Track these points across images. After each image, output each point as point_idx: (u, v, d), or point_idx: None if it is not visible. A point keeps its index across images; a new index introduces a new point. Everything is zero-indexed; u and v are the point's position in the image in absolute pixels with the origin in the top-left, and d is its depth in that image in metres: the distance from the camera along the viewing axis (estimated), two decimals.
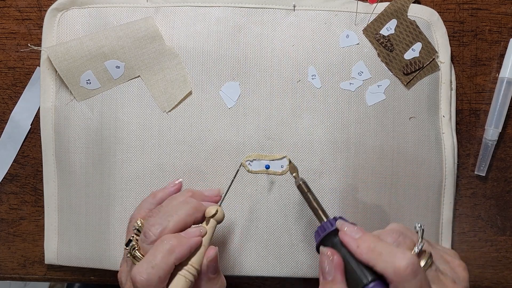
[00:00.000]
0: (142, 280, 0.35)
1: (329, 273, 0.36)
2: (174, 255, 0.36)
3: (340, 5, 0.49)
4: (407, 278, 0.32)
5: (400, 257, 0.33)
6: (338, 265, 0.36)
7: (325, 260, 0.36)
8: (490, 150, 0.51)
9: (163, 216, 0.39)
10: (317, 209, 0.41)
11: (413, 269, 0.33)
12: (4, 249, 0.55)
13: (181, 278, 0.36)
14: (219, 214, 0.40)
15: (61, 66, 0.48)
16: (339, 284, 0.35)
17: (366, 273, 0.35)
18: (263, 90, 0.49)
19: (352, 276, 0.36)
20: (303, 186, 0.43)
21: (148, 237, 0.38)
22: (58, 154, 0.50)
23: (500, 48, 0.52)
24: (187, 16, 0.49)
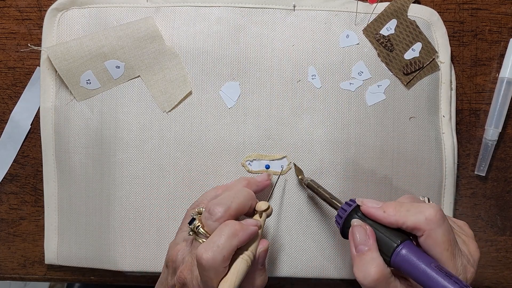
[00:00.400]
0: (208, 257, 0.37)
1: (365, 243, 0.38)
2: (237, 238, 0.38)
3: (340, 5, 0.49)
4: (438, 223, 0.36)
5: (428, 207, 0.37)
6: (371, 233, 0.38)
7: (356, 232, 0.38)
8: (490, 150, 0.51)
9: (227, 197, 0.41)
10: (332, 198, 0.43)
11: (441, 214, 0.37)
12: (4, 249, 0.55)
13: (242, 261, 0.38)
14: (270, 209, 0.43)
15: (61, 66, 0.48)
16: (374, 252, 0.37)
17: (395, 236, 0.37)
18: (263, 90, 0.49)
19: (381, 244, 0.38)
20: (312, 183, 0.46)
21: (213, 215, 0.40)
22: (58, 154, 0.50)
23: (500, 48, 0.52)
24: (187, 16, 0.49)
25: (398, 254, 0.37)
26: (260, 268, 0.41)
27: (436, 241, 0.36)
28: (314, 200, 0.50)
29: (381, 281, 0.37)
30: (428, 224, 0.36)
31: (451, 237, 0.37)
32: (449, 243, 0.36)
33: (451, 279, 0.34)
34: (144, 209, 0.49)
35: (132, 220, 0.50)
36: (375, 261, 0.37)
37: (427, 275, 0.35)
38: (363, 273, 0.37)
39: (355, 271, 0.38)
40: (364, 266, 0.37)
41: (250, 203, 0.43)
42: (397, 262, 0.37)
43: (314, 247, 0.50)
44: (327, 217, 0.50)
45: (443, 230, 0.36)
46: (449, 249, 0.36)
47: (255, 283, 0.41)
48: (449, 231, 0.37)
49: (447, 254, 0.36)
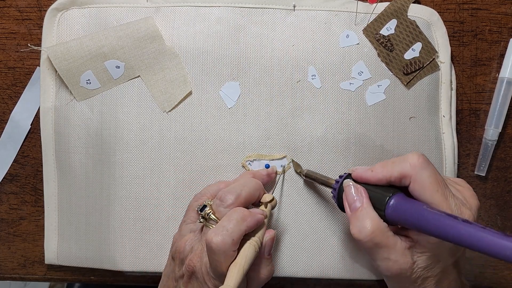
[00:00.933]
0: (218, 240, 0.37)
1: (358, 200, 0.39)
2: (245, 223, 0.39)
3: (340, 5, 0.49)
4: (422, 166, 0.37)
5: (410, 155, 0.38)
6: (363, 190, 0.40)
7: (349, 191, 0.40)
8: (490, 150, 0.51)
9: (237, 186, 0.43)
10: (328, 179, 0.45)
11: (424, 159, 0.38)
12: (4, 249, 0.55)
13: (250, 246, 0.39)
14: (275, 201, 0.45)
15: (61, 66, 0.48)
16: (368, 207, 0.39)
17: (386, 191, 0.38)
18: (263, 90, 0.49)
19: (375, 201, 0.39)
20: (310, 172, 0.47)
21: (225, 201, 0.41)
22: (58, 154, 0.50)
23: (500, 48, 0.52)
24: (187, 16, 0.49)
25: (390, 205, 0.37)
26: (267, 258, 0.42)
27: (423, 184, 0.37)
28: (314, 199, 0.50)
29: (377, 234, 0.37)
30: (413, 169, 0.37)
31: (438, 179, 0.37)
32: (437, 184, 0.37)
33: (444, 213, 0.34)
34: (144, 209, 0.49)
35: (132, 220, 0.50)
36: (369, 215, 0.38)
37: (420, 216, 0.35)
38: (358, 228, 0.38)
39: (351, 229, 0.39)
40: (359, 221, 0.38)
41: (258, 192, 0.44)
42: (391, 213, 0.37)
43: (314, 247, 0.50)
44: (327, 217, 0.50)
45: (428, 172, 0.37)
46: (438, 190, 0.37)
47: (261, 271, 0.42)
48: (435, 173, 0.37)
49: (437, 196, 0.37)
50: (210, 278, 0.40)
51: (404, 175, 0.38)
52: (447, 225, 0.33)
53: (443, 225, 0.33)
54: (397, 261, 0.38)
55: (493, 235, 0.31)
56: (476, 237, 0.31)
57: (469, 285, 0.44)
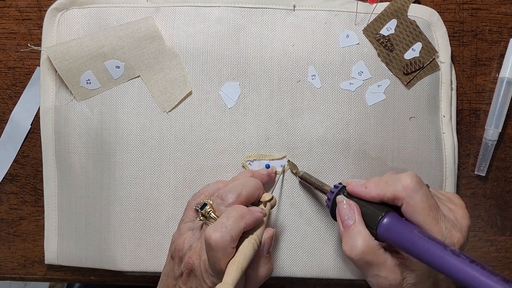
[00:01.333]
0: (217, 237, 0.38)
1: (350, 217, 0.40)
2: (244, 220, 0.39)
3: (340, 5, 0.49)
4: (415, 189, 0.37)
5: (404, 176, 0.38)
6: (355, 208, 0.40)
7: (342, 207, 0.41)
8: (490, 150, 0.51)
9: (238, 185, 0.43)
10: (323, 185, 0.46)
11: (417, 181, 0.38)
12: (4, 249, 0.55)
13: (249, 244, 0.39)
14: (274, 200, 0.45)
15: (61, 66, 0.48)
16: (360, 225, 0.39)
17: (379, 209, 0.39)
18: (263, 90, 0.49)
19: (367, 218, 0.39)
20: (306, 175, 0.48)
21: (225, 200, 0.42)
22: (58, 154, 0.50)
23: (500, 48, 0.52)
24: (187, 16, 0.49)
25: (382, 224, 0.38)
26: (266, 256, 0.42)
27: (415, 207, 0.37)
28: (313, 200, 0.50)
29: (368, 252, 0.38)
30: (406, 191, 0.37)
31: (430, 203, 0.38)
32: (429, 208, 0.37)
33: (434, 241, 0.34)
34: (144, 209, 0.49)
35: (132, 220, 0.50)
36: (361, 234, 0.39)
37: (411, 240, 0.35)
38: (349, 246, 0.39)
39: (343, 246, 0.39)
40: (350, 239, 0.39)
41: (258, 192, 0.44)
42: (382, 232, 0.38)
43: (314, 247, 0.50)
44: (327, 217, 0.50)
45: (420, 195, 0.37)
46: (430, 214, 0.37)
47: (260, 270, 0.42)
48: (427, 197, 0.38)
49: (428, 219, 0.37)
50: (209, 275, 0.40)
51: (396, 197, 0.38)
52: (436, 255, 0.34)
53: (432, 254, 0.34)
54: (387, 277, 0.38)
55: (479, 271, 0.31)
56: (462, 272, 0.32)
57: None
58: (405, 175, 0.38)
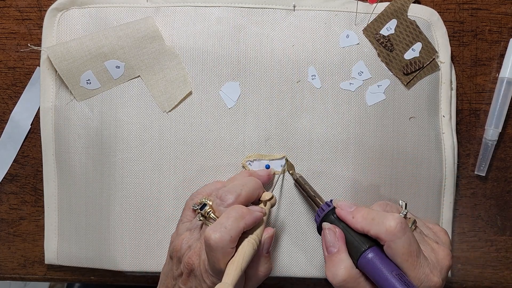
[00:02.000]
0: (216, 237, 0.38)
1: (334, 245, 0.41)
2: (243, 220, 0.40)
3: (340, 5, 0.49)
4: (398, 235, 0.38)
5: (390, 219, 0.39)
6: (340, 236, 0.41)
7: (327, 234, 0.41)
8: (490, 150, 0.51)
9: (237, 185, 0.43)
10: (315, 196, 0.46)
11: (402, 227, 0.38)
12: (4, 249, 0.55)
13: (248, 244, 0.40)
14: (274, 199, 0.45)
15: (61, 66, 0.48)
16: (343, 253, 0.40)
17: (363, 241, 0.40)
18: (263, 90, 0.49)
19: (351, 246, 0.40)
20: (301, 179, 0.48)
21: (225, 201, 0.42)
22: (58, 154, 0.50)
23: (500, 48, 0.52)
24: (187, 16, 0.49)
25: (364, 257, 0.39)
26: (265, 255, 0.42)
27: (395, 251, 0.38)
28: None
29: (349, 281, 0.39)
30: (388, 236, 0.38)
31: (412, 249, 0.38)
32: (409, 254, 0.38)
33: (408, 287, 0.36)
34: (144, 209, 0.49)
35: (132, 220, 0.50)
36: (344, 263, 0.40)
37: (387, 281, 0.37)
38: (332, 273, 0.40)
39: (326, 271, 0.41)
40: (333, 266, 0.40)
41: (258, 191, 0.44)
42: (362, 264, 0.39)
43: (314, 247, 0.50)
44: None
45: (402, 242, 0.38)
46: (409, 260, 0.38)
47: (260, 269, 0.42)
48: (409, 243, 0.38)
49: (407, 265, 0.38)
50: (209, 275, 0.40)
51: (379, 238, 0.39)
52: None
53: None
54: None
55: None
56: None
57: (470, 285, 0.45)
58: (391, 218, 0.39)
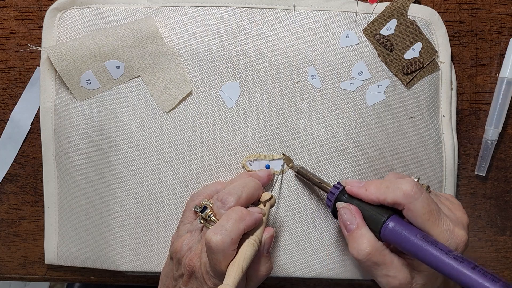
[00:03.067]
0: (217, 239, 0.38)
1: (352, 222, 0.40)
2: (244, 222, 0.40)
3: (340, 5, 0.49)
4: (415, 196, 0.38)
5: (404, 183, 0.39)
6: (356, 211, 0.41)
7: (343, 212, 0.41)
8: (490, 150, 0.51)
9: (237, 187, 0.43)
10: (320, 182, 0.46)
11: (418, 188, 0.38)
12: (4, 249, 0.55)
13: (249, 245, 0.40)
14: (274, 199, 0.46)
15: (61, 66, 0.48)
16: (363, 227, 0.40)
17: (381, 212, 0.39)
18: (263, 90, 0.49)
19: (370, 221, 0.40)
20: (302, 170, 0.48)
21: (226, 204, 0.42)
22: (58, 154, 0.50)
23: (500, 48, 0.52)
24: (187, 16, 0.49)
25: (386, 228, 0.39)
26: (265, 255, 0.42)
27: (416, 213, 0.38)
28: (313, 199, 0.50)
29: (374, 254, 0.39)
30: (406, 198, 0.38)
31: (431, 207, 0.38)
32: (430, 213, 0.38)
33: (437, 246, 0.36)
34: (144, 209, 0.49)
35: (132, 220, 0.50)
36: (365, 236, 0.39)
37: (414, 245, 0.37)
38: (356, 250, 0.39)
39: (350, 249, 0.40)
40: (356, 242, 0.40)
41: (258, 192, 0.45)
42: (386, 235, 0.39)
43: (314, 247, 0.50)
44: (327, 217, 0.50)
45: (421, 202, 0.38)
46: (430, 219, 0.38)
47: (260, 269, 0.42)
48: (428, 202, 0.38)
49: (429, 224, 0.38)
50: (210, 277, 0.40)
51: (397, 203, 0.39)
52: (439, 260, 0.35)
53: (435, 259, 0.35)
54: (396, 276, 0.39)
55: (482, 277, 0.33)
56: (465, 277, 0.33)
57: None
58: (406, 181, 0.39)
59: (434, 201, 0.39)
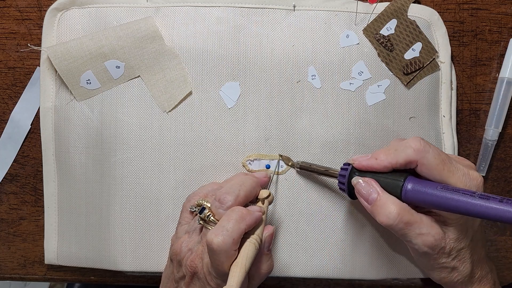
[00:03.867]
0: (219, 241, 0.38)
1: (372, 192, 0.40)
2: (244, 222, 0.40)
3: (340, 5, 0.49)
4: (425, 149, 0.39)
5: (412, 141, 0.40)
6: (374, 182, 0.41)
7: (361, 186, 0.41)
8: (490, 150, 0.51)
9: (235, 186, 0.43)
10: (327, 169, 0.46)
11: (425, 142, 0.39)
12: (4, 249, 0.55)
13: (250, 244, 0.40)
14: (272, 197, 0.45)
15: (61, 66, 0.48)
16: (385, 193, 0.40)
17: (396, 178, 0.40)
18: (263, 90, 0.49)
19: (388, 189, 0.40)
20: (304, 164, 0.48)
21: (224, 203, 0.42)
22: (58, 154, 0.50)
23: (500, 48, 0.52)
24: (187, 16, 0.49)
25: (406, 190, 0.39)
26: (266, 253, 0.43)
27: (430, 165, 0.39)
28: (313, 199, 0.50)
29: (404, 213, 0.39)
30: (417, 154, 0.39)
31: (443, 157, 0.39)
32: (443, 163, 0.39)
33: (460, 191, 0.36)
34: (144, 209, 0.49)
35: (132, 220, 0.50)
36: (389, 200, 0.39)
37: (437, 197, 0.37)
38: (385, 215, 0.39)
39: (379, 218, 0.39)
40: (382, 209, 0.39)
41: (255, 190, 0.44)
42: (408, 197, 0.39)
43: (314, 247, 0.50)
44: (327, 217, 0.50)
45: (432, 153, 0.39)
46: (444, 168, 0.38)
47: (262, 267, 0.42)
48: (438, 153, 0.39)
49: (445, 173, 0.38)
50: (213, 278, 0.40)
51: (410, 161, 0.39)
52: (467, 203, 0.35)
53: (463, 204, 0.36)
54: (429, 233, 0.39)
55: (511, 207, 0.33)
56: (496, 211, 0.34)
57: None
58: (412, 139, 0.40)
59: (442, 151, 0.40)
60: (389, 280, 0.52)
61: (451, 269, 0.42)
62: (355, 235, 0.50)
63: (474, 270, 0.43)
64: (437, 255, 0.40)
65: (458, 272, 0.42)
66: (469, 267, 0.42)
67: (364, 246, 0.50)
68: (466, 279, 0.43)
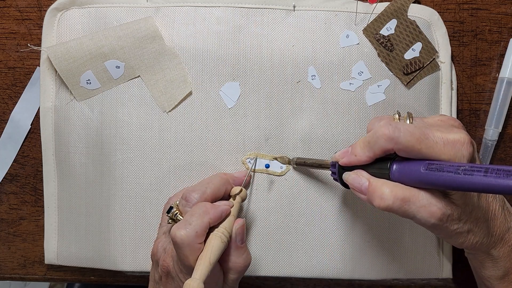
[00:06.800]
0: (181, 234, 0.38)
1: (363, 181, 0.39)
2: (208, 215, 0.40)
3: (340, 5, 0.49)
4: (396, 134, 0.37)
5: (379, 129, 0.38)
6: (364, 173, 0.40)
7: (351, 179, 0.40)
8: (490, 150, 0.51)
9: (201, 184, 0.44)
10: (321, 163, 0.46)
11: (392, 127, 0.37)
12: (4, 249, 0.55)
13: (215, 237, 0.40)
14: (243, 192, 0.46)
15: (61, 66, 0.48)
16: (375, 180, 0.38)
17: (381, 166, 0.39)
18: (263, 90, 0.49)
19: (377, 175, 0.39)
20: (299, 159, 0.48)
21: (189, 201, 0.42)
22: (58, 154, 0.50)
23: (500, 48, 0.52)
24: (187, 16, 0.49)
25: (393, 174, 0.38)
26: (240, 246, 0.42)
27: (405, 148, 0.37)
28: (313, 200, 0.50)
29: (398, 191, 0.37)
30: (390, 142, 0.37)
31: (416, 135, 0.37)
32: (418, 142, 0.36)
33: (443, 169, 0.35)
34: (144, 209, 0.49)
35: (132, 220, 0.50)
36: (380, 182, 0.38)
37: (422, 179, 0.36)
38: (380, 198, 0.37)
39: (375, 203, 0.38)
40: (376, 193, 0.38)
41: (224, 187, 0.45)
42: (396, 179, 0.38)
43: (314, 247, 0.50)
44: (327, 217, 0.50)
45: (403, 137, 0.37)
46: (422, 146, 0.36)
47: (237, 261, 0.42)
48: (411, 132, 0.37)
49: (424, 150, 0.36)
50: (184, 274, 0.40)
51: (386, 150, 0.38)
52: (452, 181, 0.34)
53: (448, 181, 0.34)
54: (431, 202, 0.37)
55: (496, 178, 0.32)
56: (483, 186, 0.32)
57: None
58: (379, 127, 0.38)
59: (417, 128, 0.37)
60: (389, 280, 0.52)
61: (467, 232, 0.40)
62: (355, 235, 0.50)
63: (492, 229, 0.41)
64: (447, 223, 0.38)
65: (474, 234, 0.40)
66: (483, 226, 0.40)
67: (364, 246, 0.50)
68: (485, 240, 0.41)
